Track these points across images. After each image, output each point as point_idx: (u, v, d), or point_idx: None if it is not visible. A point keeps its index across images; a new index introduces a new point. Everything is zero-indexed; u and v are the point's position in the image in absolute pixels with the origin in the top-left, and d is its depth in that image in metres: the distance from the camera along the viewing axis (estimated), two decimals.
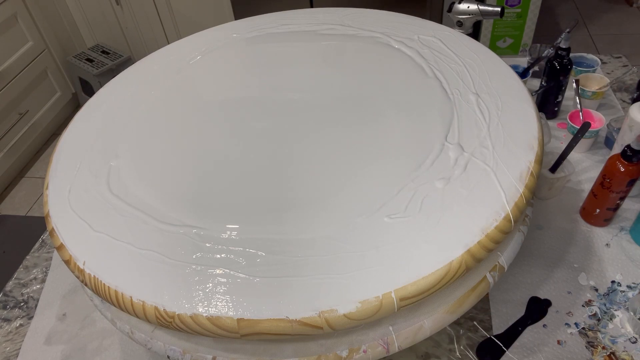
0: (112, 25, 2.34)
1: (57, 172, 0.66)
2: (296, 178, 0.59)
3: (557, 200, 0.84)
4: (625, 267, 0.73)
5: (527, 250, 0.76)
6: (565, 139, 0.95)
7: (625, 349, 0.64)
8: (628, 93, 1.06)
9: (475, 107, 0.65)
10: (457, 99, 0.67)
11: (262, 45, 0.86)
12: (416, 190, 0.55)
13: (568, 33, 0.90)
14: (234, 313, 0.46)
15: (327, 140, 0.64)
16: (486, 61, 0.74)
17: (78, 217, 0.59)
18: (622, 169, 0.70)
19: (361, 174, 0.58)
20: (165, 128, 0.70)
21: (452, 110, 0.65)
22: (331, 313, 0.45)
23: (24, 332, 0.76)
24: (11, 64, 2.00)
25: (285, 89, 0.75)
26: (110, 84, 0.83)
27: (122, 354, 0.71)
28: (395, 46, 0.80)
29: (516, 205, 0.52)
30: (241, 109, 0.72)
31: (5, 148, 2.01)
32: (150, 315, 0.48)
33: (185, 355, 0.54)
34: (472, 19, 1.04)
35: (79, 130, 0.73)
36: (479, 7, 1.02)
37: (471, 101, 0.66)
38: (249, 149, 0.64)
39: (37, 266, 0.87)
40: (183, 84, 0.79)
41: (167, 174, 0.62)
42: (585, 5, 2.77)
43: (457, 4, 1.04)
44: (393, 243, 0.50)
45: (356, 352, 0.52)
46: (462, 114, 0.65)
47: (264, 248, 0.51)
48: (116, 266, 0.52)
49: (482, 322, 0.69)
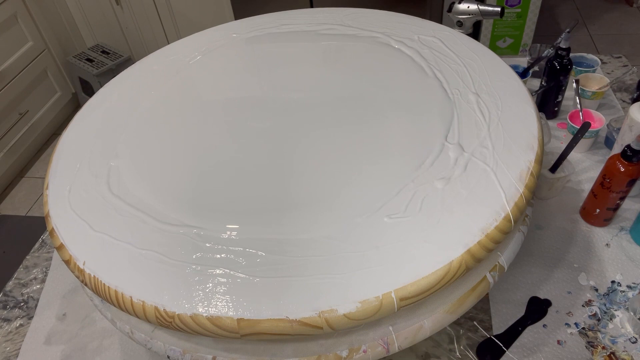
0: (112, 25, 2.34)
1: (57, 172, 0.66)
2: (296, 178, 0.59)
3: (557, 200, 0.84)
4: (625, 267, 0.73)
5: (527, 250, 0.76)
6: (565, 139, 0.95)
7: (625, 349, 0.64)
8: (628, 93, 1.06)
9: (475, 107, 0.65)
10: (457, 99, 0.67)
11: (262, 45, 0.86)
12: (416, 190, 0.55)
13: (568, 33, 0.90)
14: (234, 313, 0.46)
15: (327, 140, 0.64)
16: (486, 61, 0.74)
17: (78, 217, 0.59)
18: (622, 169, 0.70)
19: (361, 173, 0.58)
20: (165, 128, 0.70)
21: (452, 110, 0.65)
22: (331, 313, 0.45)
23: (24, 332, 0.76)
24: (11, 64, 2.00)
25: (285, 88, 0.75)
26: (110, 84, 0.83)
27: (122, 354, 0.71)
28: (395, 46, 0.80)
29: (516, 205, 0.52)
30: (241, 108, 0.72)
31: (5, 148, 2.01)
32: (150, 315, 0.48)
33: (185, 355, 0.54)
34: (472, 19, 1.04)
35: (79, 130, 0.73)
36: (479, 7, 1.02)
37: (471, 101, 0.66)
38: (249, 149, 0.64)
39: (37, 266, 0.87)
40: (183, 84, 0.79)
41: (167, 174, 0.62)
42: (585, 5, 2.77)
43: (457, 4, 1.04)
44: (393, 243, 0.50)
45: (356, 352, 0.52)
46: (462, 114, 0.65)
47: (264, 248, 0.51)
48: (116, 266, 0.52)
49: (482, 322, 0.69)
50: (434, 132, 0.62)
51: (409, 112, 0.66)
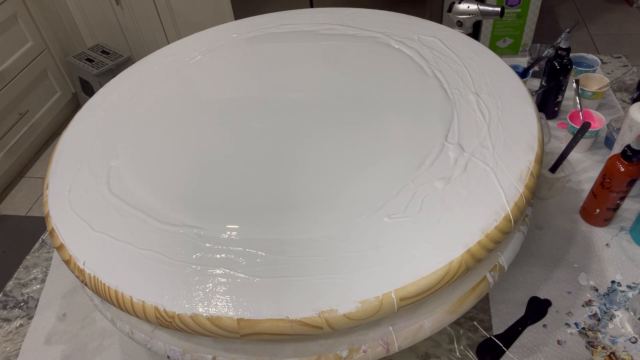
0: (112, 25, 2.34)
1: (57, 172, 0.66)
2: (296, 178, 0.59)
3: (557, 200, 0.84)
4: (625, 267, 0.73)
5: (527, 250, 0.76)
6: (565, 139, 0.95)
7: (625, 349, 0.64)
8: (628, 93, 1.06)
9: (475, 107, 0.65)
10: (457, 99, 0.67)
11: (262, 45, 0.86)
12: (416, 190, 0.55)
13: (568, 33, 0.90)
14: (234, 313, 0.46)
15: (327, 140, 0.64)
16: (486, 61, 0.74)
17: (78, 217, 0.59)
18: (622, 169, 0.70)
19: (361, 174, 0.58)
20: (165, 128, 0.70)
21: (452, 110, 0.65)
22: (331, 313, 0.45)
23: (24, 332, 0.76)
24: (11, 64, 2.00)
25: (285, 88, 0.75)
26: (110, 84, 0.83)
27: (122, 354, 0.71)
28: (395, 46, 0.80)
29: (516, 205, 0.52)
30: (241, 109, 0.72)
31: (5, 148, 2.01)
32: (150, 315, 0.48)
33: (185, 355, 0.54)
34: (472, 19, 1.04)
35: (79, 130, 0.73)
36: (479, 7, 1.02)
37: (471, 101, 0.66)
38: (249, 149, 0.64)
39: (37, 266, 0.87)
40: (183, 84, 0.79)
41: (167, 174, 0.62)
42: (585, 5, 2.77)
43: (457, 4, 1.04)
44: (393, 243, 0.50)
45: (356, 352, 0.52)
46: (462, 114, 0.65)
47: (264, 248, 0.51)
48: (116, 266, 0.52)
49: (482, 322, 0.69)
50: (434, 132, 0.62)
51: (409, 112, 0.66)
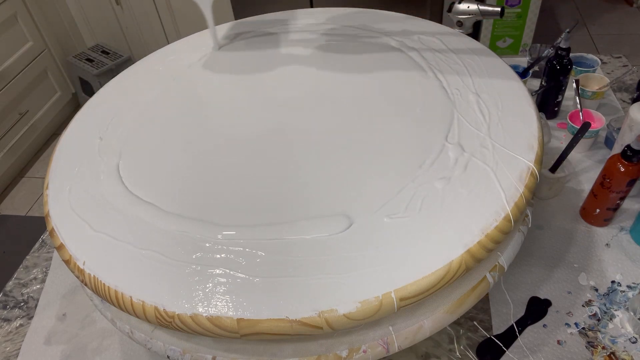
0: (112, 25, 2.34)
1: (57, 172, 0.66)
2: (296, 178, 0.59)
3: (557, 200, 0.84)
4: (625, 267, 0.73)
5: (527, 250, 0.76)
6: (565, 139, 0.95)
7: (625, 349, 0.64)
8: (628, 93, 1.06)
9: (475, 107, 0.65)
10: (457, 99, 0.67)
11: (262, 45, 0.86)
12: (416, 190, 0.55)
13: (568, 33, 0.90)
14: (234, 313, 0.46)
15: (327, 140, 0.64)
16: (486, 61, 0.74)
17: (78, 217, 0.58)
18: (622, 169, 0.70)
19: (361, 173, 0.58)
20: (165, 128, 0.70)
21: (452, 110, 0.65)
22: (331, 313, 0.45)
23: (24, 332, 0.76)
24: (11, 64, 2.01)
25: (284, 89, 0.75)
26: (110, 84, 0.83)
27: (122, 354, 0.71)
28: (395, 46, 0.80)
29: (516, 205, 0.52)
30: (240, 108, 0.72)
31: (5, 148, 2.01)
32: (150, 315, 0.48)
33: (185, 355, 0.54)
34: (472, 19, 1.04)
35: (79, 130, 0.73)
36: (479, 7, 1.02)
37: (471, 101, 0.66)
38: (249, 149, 0.64)
39: (37, 266, 0.87)
40: (183, 84, 0.79)
41: (167, 174, 0.62)
42: (585, 5, 2.77)
43: (457, 4, 1.04)
44: (393, 243, 0.50)
45: (356, 352, 0.52)
46: (462, 114, 0.65)
47: (264, 248, 0.51)
48: (116, 266, 0.52)
49: (482, 322, 0.69)
50: (434, 132, 0.62)
51: (409, 112, 0.66)
